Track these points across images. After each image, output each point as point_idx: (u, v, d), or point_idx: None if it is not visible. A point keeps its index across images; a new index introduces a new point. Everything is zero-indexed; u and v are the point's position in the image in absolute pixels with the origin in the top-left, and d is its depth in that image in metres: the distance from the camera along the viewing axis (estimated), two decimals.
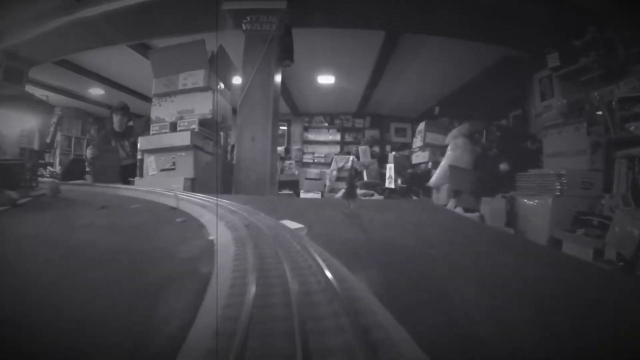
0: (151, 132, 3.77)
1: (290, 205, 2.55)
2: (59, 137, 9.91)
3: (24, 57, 5.25)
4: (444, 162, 5.23)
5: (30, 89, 7.94)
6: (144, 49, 5.50)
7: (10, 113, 2.94)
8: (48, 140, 3.46)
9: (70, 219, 1.81)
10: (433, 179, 5.29)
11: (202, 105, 3.71)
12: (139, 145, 3.73)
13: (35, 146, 3.00)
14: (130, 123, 4.87)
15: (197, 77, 3.74)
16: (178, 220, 1.58)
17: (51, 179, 3.34)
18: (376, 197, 6.03)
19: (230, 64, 4.12)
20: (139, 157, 4.11)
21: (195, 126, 3.61)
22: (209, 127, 3.81)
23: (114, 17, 4.13)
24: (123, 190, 2.94)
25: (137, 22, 4.24)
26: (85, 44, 5.00)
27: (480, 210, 4.22)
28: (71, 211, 2.09)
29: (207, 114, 3.67)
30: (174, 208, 1.86)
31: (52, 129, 3.43)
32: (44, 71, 6.64)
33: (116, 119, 4.76)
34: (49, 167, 9.21)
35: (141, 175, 3.85)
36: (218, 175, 3.97)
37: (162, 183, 3.49)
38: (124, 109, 4.86)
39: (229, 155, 4.65)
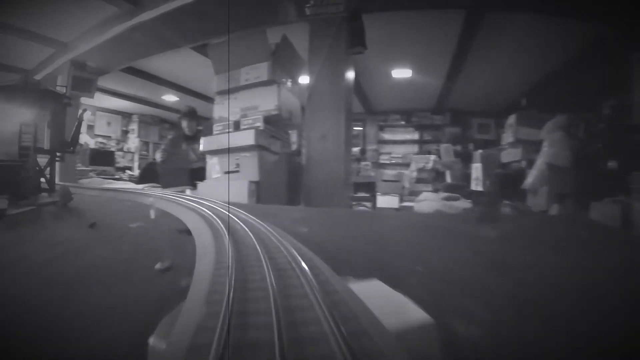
0: (214, 132, 3.43)
1: (372, 231, 2.01)
2: (136, 142, 10.17)
3: (91, 67, 5.27)
4: (540, 161, 4.48)
5: (101, 97, 8.21)
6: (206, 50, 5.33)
7: (3, 105, 2.58)
8: (69, 137, 3.14)
9: (35, 246, 1.51)
10: (529, 181, 4.53)
11: (267, 101, 3.35)
12: (201, 146, 3.39)
13: (45, 144, 2.76)
14: (200, 127, 4.82)
15: (260, 71, 3.40)
16: (158, 267, 1.17)
17: (64, 186, 2.90)
18: (462, 201, 5.36)
19: (295, 55, 3.75)
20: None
21: (259, 124, 3.24)
22: (276, 125, 3.41)
23: (171, 19, 3.93)
24: (150, 197, 2.70)
25: (195, 22, 3.98)
26: (147, 50, 4.89)
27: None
28: (52, 231, 1.85)
29: (273, 110, 3.30)
30: (182, 231, 1.49)
31: (76, 124, 3.09)
32: (116, 80, 6.76)
33: (185, 123, 4.89)
34: (127, 171, 9.47)
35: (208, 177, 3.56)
36: (279, 181, 3.56)
37: (225, 187, 3.18)
38: (191, 114, 4.98)
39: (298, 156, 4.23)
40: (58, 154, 2.92)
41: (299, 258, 0.93)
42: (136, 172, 9.03)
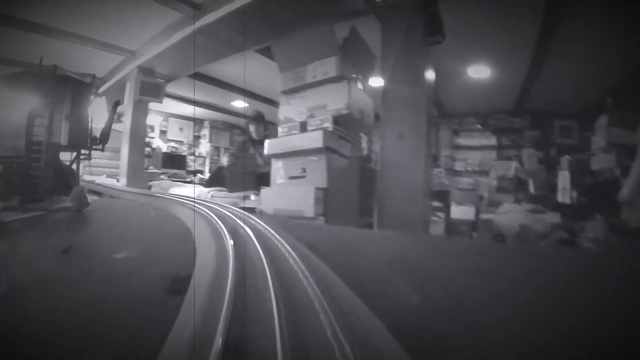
0: (279, 134, 3.12)
1: None
2: (207, 147, 10.29)
3: (159, 73, 5.31)
4: (636, 169, 3.75)
5: (173, 103, 8.31)
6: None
7: (11, 93, 2.22)
8: (97, 132, 2.85)
9: None
10: (624, 192, 3.80)
11: (336, 99, 2.97)
12: (266, 149, 3.08)
13: (62, 140, 2.48)
14: (268, 131, 4.76)
15: (328, 66, 3.02)
16: None
17: (78, 187, 2.52)
18: (549, 214, 4.67)
19: (366, 49, 3.34)
20: None
21: (328, 124, 2.87)
22: (346, 126, 3.02)
23: (233, 20, 3.70)
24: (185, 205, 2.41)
25: (258, 22, 3.67)
26: (212, 54, 4.72)
27: None
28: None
29: (343, 109, 2.92)
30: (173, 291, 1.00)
31: (108, 117, 2.83)
32: (186, 86, 6.80)
33: (252, 127, 4.87)
34: (198, 174, 9.57)
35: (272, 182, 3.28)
36: (349, 188, 3.16)
37: (289, 193, 2.84)
38: (258, 118, 4.93)
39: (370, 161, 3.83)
40: (84, 151, 2.70)
41: None
42: (207, 175, 9.15)
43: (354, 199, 3.09)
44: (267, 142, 3.11)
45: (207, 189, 4.74)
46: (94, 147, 2.78)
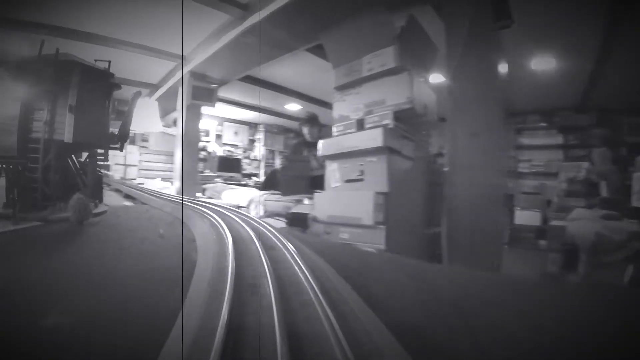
0: (334, 134, 2.80)
1: None
2: (262, 150, 10.21)
3: (211, 77, 5.25)
4: None
5: (228, 108, 8.26)
6: (324, 52, 4.93)
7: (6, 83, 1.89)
8: (116, 128, 2.53)
9: None
10: None
11: (396, 93, 2.60)
12: (319, 150, 2.78)
13: (66, 137, 2.15)
14: (322, 133, 4.59)
15: (385, 57, 2.66)
16: None
17: (78, 195, 2.04)
18: (626, 221, 4.05)
19: (426, 38, 2.96)
20: None
21: (388, 121, 2.52)
22: (408, 123, 2.66)
23: (281, 18, 3.51)
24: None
25: (306, 17, 3.46)
26: (262, 57, 4.62)
27: None
28: None
29: (404, 104, 2.55)
30: None
31: (126, 112, 2.56)
32: (240, 90, 6.70)
33: (306, 129, 4.76)
34: (253, 177, 9.49)
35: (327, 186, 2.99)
36: (413, 193, 2.78)
37: (345, 198, 2.52)
38: (312, 119, 4.79)
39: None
40: (100, 150, 2.44)
41: None
42: (261, 178, 9.09)
43: (419, 205, 2.72)
44: (321, 143, 2.80)
45: (261, 193, 4.55)
46: (111, 145, 2.47)
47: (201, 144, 7.66)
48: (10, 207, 1.84)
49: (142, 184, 5.43)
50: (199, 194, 5.39)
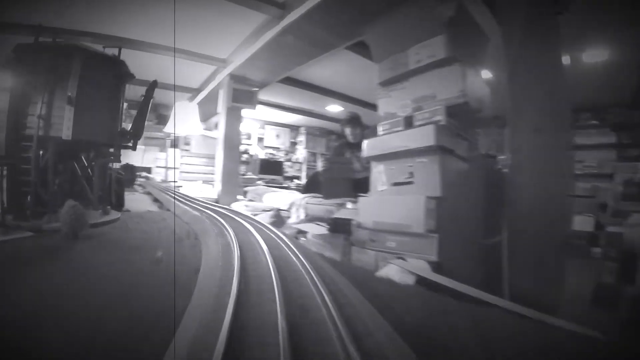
0: (379, 133, 2.56)
1: None
2: (304, 153, 10.09)
3: (250, 79, 5.15)
4: None
5: (269, 111, 8.16)
6: (365, 50, 4.70)
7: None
8: (129, 123, 2.25)
9: None
10: None
11: (447, 87, 2.33)
12: (364, 151, 2.55)
13: (65, 133, 1.73)
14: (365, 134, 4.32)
15: (434, 47, 2.38)
16: None
17: (72, 203, 1.71)
18: None
19: (476, 27, 2.65)
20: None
21: (440, 117, 2.25)
22: (463, 119, 2.38)
23: (320, 15, 3.38)
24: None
25: (346, 12, 3.26)
26: (302, 55, 4.43)
27: None
28: None
29: (456, 98, 2.27)
30: None
31: (140, 105, 2.31)
32: (280, 93, 6.58)
33: (348, 130, 4.51)
34: (295, 180, 9.38)
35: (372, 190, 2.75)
36: (469, 198, 2.48)
37: (393, 203, 2.27)
38: (354, 120, 4.54)
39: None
40: (111, 150, 2.15)
41: None
42: (303, 181, 8.98)
43: (475, 211, 2.43)
44: (365, 143, 2.56)
45: (303, 196, 4.36)
46: (122, 144, 2.18)
47: (243, 147, 7.60)
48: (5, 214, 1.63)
49: (181, 186, 5.38)
50: (240, 197, 5.28)
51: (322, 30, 3.67)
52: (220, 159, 5.15)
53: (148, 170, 5.87)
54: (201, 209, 2.87)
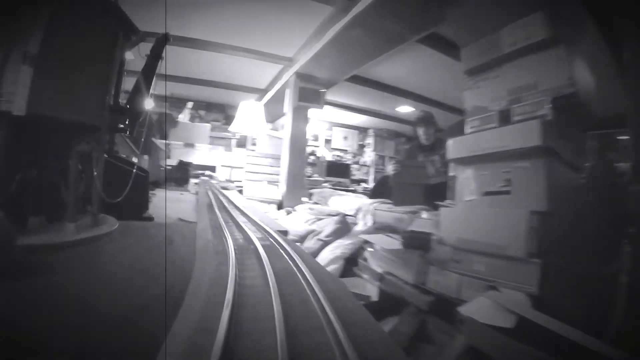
0: (467, 130, 2.12)
1: None
2: (372, 156, 9.68)
3: (317, 77, 4.86)
4: None
5: (337, 112, 7.84)
6: (440, 44, 4.21)
7: None
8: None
9: None
10: None
11: (551, 74, 1.83)
12: (449, 152, 2.12)
13: (18, 106, 1.03)
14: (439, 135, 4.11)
15: (532, 26, 1.90)
16: None
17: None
18: None
19: (577, 5, 2.11)
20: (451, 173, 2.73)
21: (545, 111, 1.77)
22: (572, 114, 1.88)
23: (388, 3, 3.06)
24: None
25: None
26: (370, 51, 4.08)
27: None
28: None
29: (564, 88, 1.78)
30: None
31: (144, 65, 1.77)
32: (348, 93, 6.25)
33: (420, 130, 4.13)
34: (362, 184, 8.99)
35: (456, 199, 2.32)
36: (585, 215, 1.96)
37: (484, 217, 1.83)
38: (427, 120, 4.16)
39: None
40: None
41: None
42: (371, 185, 8.66)
43: (590, 231, 1.91)
44: (450, 142, 2.10)
45: (370, 201, 4.00)
46: (114, 125, 1.59)
47: (310, 148, 7.36)
48: None
49: (241, 187, 5.20)
50: (304, 199, 5.01)
51: (393, 21, 3.33)
52: (285, 160, 4.90)
53: (212, 168, 5.80)
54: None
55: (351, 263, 2.93)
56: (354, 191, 7.60)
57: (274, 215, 4.23)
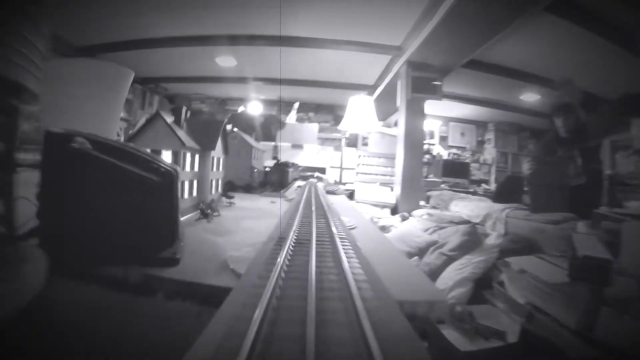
0: None
1: None
2: (493, 153, 8.68)
3: (431, 65, 4.26)
4: None
5: (453, 105, 7.13)
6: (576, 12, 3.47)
7: None
8: None
9: None
10: None
11: None
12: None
13: None
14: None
15: None
16: None
17: None
18: None
19: None
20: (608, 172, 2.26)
21: None
22: None
23: None
24: None
25: None
26: (487, 28, 3.39)
27: None
28: None
29: None
30: None
31: None
32: (464, 82, 5.58)
33: (559, 121, 3.44)
34: (483, 184, 8.11)
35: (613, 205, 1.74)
36: None
37: None
38: (567, 106, 3.50)
39: None
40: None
41: None
42: (492, 186, 7.84)
43: None
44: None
45: (501, 206, 3.38)
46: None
47: (425, 147, 6.76)
48: None
49: (352, 190, 4.76)
50: (422, 202, 4.47)
51: None
52: (400, 159, 4.36)
53: (322, 170, 5.44)
54: None
55: (482, 285, 2.35)
56: (474, 193, 6.85)
57: (389, 221, 3.76)
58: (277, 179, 4.66)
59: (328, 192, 3.78)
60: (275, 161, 5.22)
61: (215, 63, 5.72)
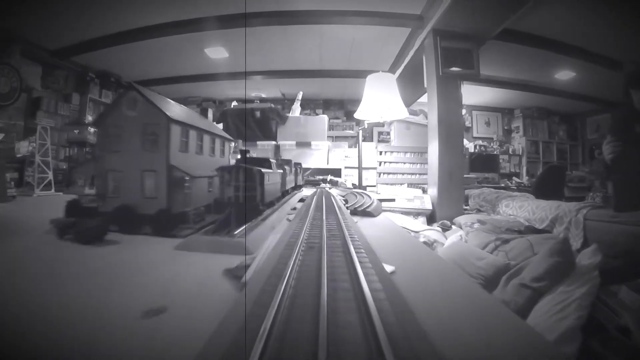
0: None
1: None
2: (522, 142, 7.80)
3: (462, 33, 3.33)
4: None
5: (478, 91, 6.26)
6: None
7: None
8: None
9: None
10: None
11: None
12: None
13: None
14: None
15: None
16: None
17: None
18: None
19: None
20: None
21: None
22: None
23: None
24: None
25: None
26: None
27: None
28: None
29: None
30: None
31: None
32: (491, 61, 4.70)
33: (637, 95, 2.48)
34: (514, 178, 7.22)
35: None
36: None
37: None
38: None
39: None
40: None
41: None
42: (524, 179, 6.98)
43: None
44: None
45: (571, 205, 2.49)
46: None
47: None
48: None
49: (379, 193, 3.78)
50: (464, 206, 3.51)
51: None
52: (434, 153, 3.37)
53: (336, 172, 4.31)
54: None
55: (591, 331, 1.34)
56: (505, 187, 6.00)
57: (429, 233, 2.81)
58: (245, 197, 1.76)
59: (354, 213, 1.96)
60: (240, 156, 2.02)
61: (205, 55, 4.97)
